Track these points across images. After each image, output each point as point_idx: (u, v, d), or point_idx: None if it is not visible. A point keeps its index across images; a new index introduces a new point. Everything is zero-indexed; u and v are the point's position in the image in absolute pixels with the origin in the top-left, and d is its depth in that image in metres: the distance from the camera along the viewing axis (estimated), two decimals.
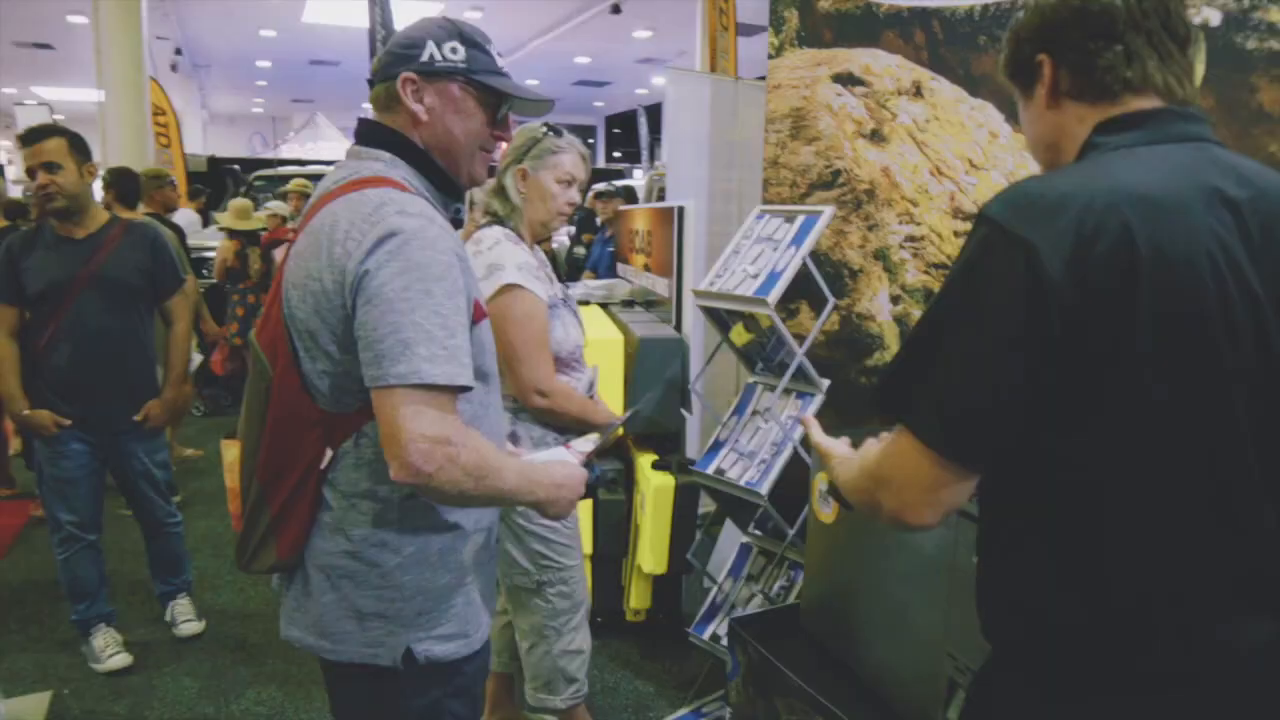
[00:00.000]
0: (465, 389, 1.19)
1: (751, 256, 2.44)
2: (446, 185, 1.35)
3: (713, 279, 2.49)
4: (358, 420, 1.24)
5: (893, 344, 2.79)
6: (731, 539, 3.60)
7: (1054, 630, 0.99)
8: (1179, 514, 0.94)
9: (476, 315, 1.29)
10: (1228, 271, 0.91)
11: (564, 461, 1.41)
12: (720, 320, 2.59)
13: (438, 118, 1.32)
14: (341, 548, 1.27)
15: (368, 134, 1.33)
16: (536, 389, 2.04)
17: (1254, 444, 0.94)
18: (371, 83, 1.34)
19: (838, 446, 1.33)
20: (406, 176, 1.29)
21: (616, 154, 27.98)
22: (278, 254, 6.49)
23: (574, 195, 2.17)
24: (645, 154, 23.29)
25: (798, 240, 2.37)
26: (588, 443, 1.63)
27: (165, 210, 5.22)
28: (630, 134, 23.52)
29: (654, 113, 23.42)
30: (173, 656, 3.13)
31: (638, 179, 14.00)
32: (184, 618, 3.27)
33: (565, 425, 2.14)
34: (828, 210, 2.38)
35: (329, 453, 1.25)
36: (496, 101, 1.37)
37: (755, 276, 2.36)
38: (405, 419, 1.12)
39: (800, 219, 2.43)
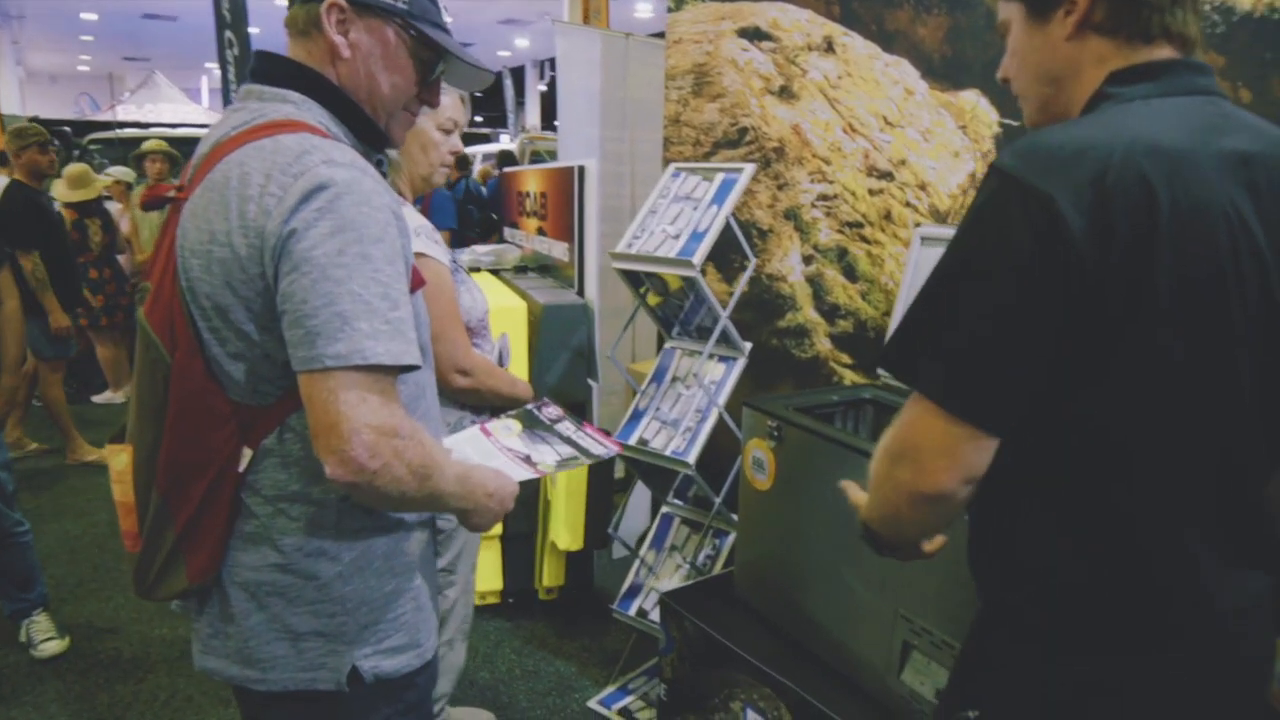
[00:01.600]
0: (412, 368, 1.03)
1: (670, 216, 2.33)
2: (369, 133, 1.17)
3: (630, 240, 2.36)
4: (280, 412, 1.06)
5: (805, 305, 2.76)
6: (640, 507, 3.53)
7: (1055, 589, 0.96)
8: (1185, 474, 0.92)
9: (415, 282, 1.13)
10: (1239, 229, 0.88)
11: (496, 469, 1.26)
12: (638, 284, 2.48)
13: (362, 59, 1.13)
14: (269, 560, 1.09)
15: (270, 70, 1.13)
16: (456, 367, 1.85)
17: (1256, 404, 0.93)
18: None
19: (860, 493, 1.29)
20: (322, 121, 1.10)
21: (479, 118, 27.25)
22: (124, 223, 5.90)
23: (457, 143, 1.93)
24: (511, 117, 22.79)
25: (719, 199, 2.28)
26: (506, 430, 1.48)
27: (32, 177, 4.49)
28: (494, 97, 22.93)
29: (518, 75, 22.90)
30: (33, 682, 2.78)
31: (505, 143, 13.67)
32: (43, 636, 2.91)
33: (482, 403, 1.97)
34: (749, 167, 2.29)
35: (247, 452, 1.06)
36: (432, 59, 1.20)
37: (676, 237, 2.26)
38: (347, 406, 0.96)
39: (720, 176, 2.33)
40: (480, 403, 1.95)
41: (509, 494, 1.23)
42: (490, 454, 1.35)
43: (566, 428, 1.48)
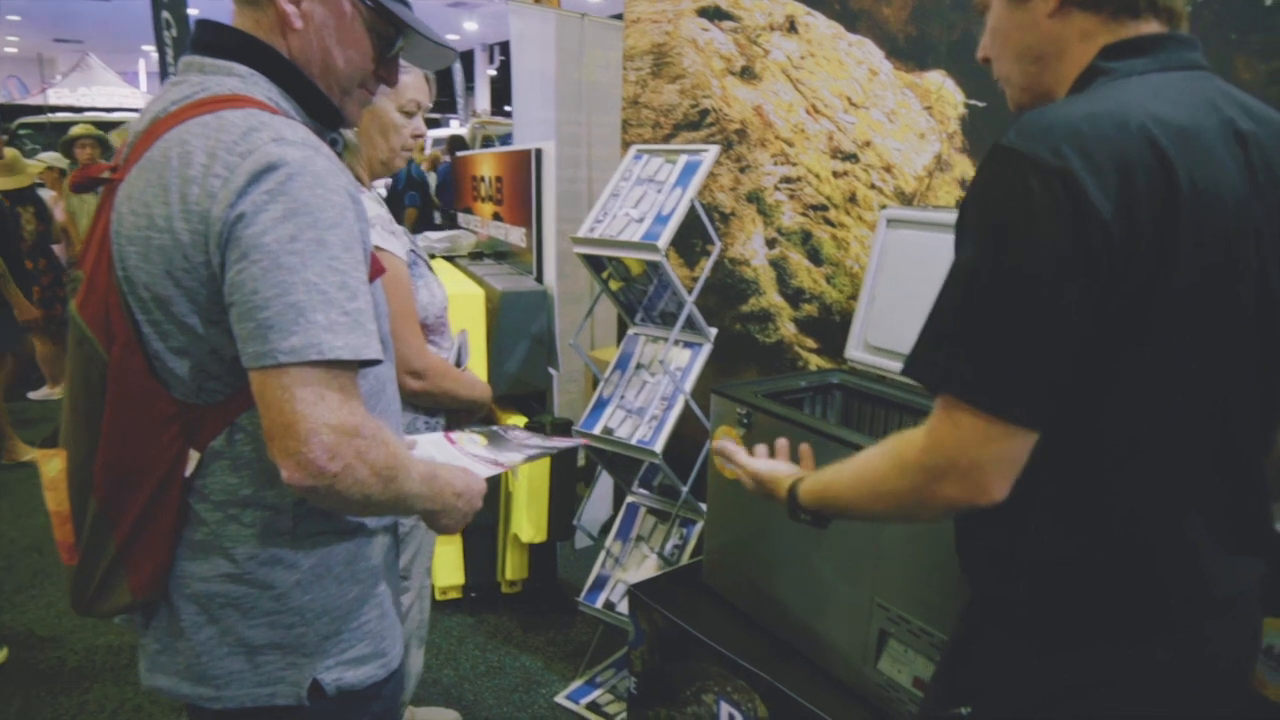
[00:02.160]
0: (373, 363, 0.96)
1: (634, 199, 2.28)
2: (323, 110, 1.09)
3: (592, 224, 2.30)
4: (229, 411, 0.98)
5: (768, 289, 2.73)
6: (603, 496, 3.48)
7: (1052, 582, 0.93)
8: (1190, 462, 0.90)
9: (374, 271, 1.06)
10: (1245, 210, 0.86)
11: (463, 467, 1.19)
12: (600, 269, 2.42)
13: (315, 31, 1.05)
14: (221, 570, 1.01)
15: (214, 41, 1.04)
16: (409, 369, 1.73)
17: (1256, 390, 0.91)
18: None
19: (779, 465, 1.26)
20: (271, 96, 1.02)
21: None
22: (58, 211, 5.64)
23: (419, 126, 1.82)
24: (460, 102, 22.45)
25: (683, 181, 2.22)
26: (471, 442, 1.42)
27: None
28: (443, 82, 22.54)
29: (467, 59, 22.53)
30: None
31: (455, 129, 13.45)
32: None
33: (437, 406, 1.89)
34: (713, 149, 2.24)
35: (194, 455, 0.98)
36: (391, 33, 1.12)
37: (640, 221, 2.20)
38: (303, 405, 0.89)
39: (683, 159, 2.28)
40: (435, 405, 1.85)
41: (477, 493, 1.17)
42: (454, 457, 1.29)
43: (533, 440, 1.43)
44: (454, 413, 1.89)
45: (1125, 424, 0.87)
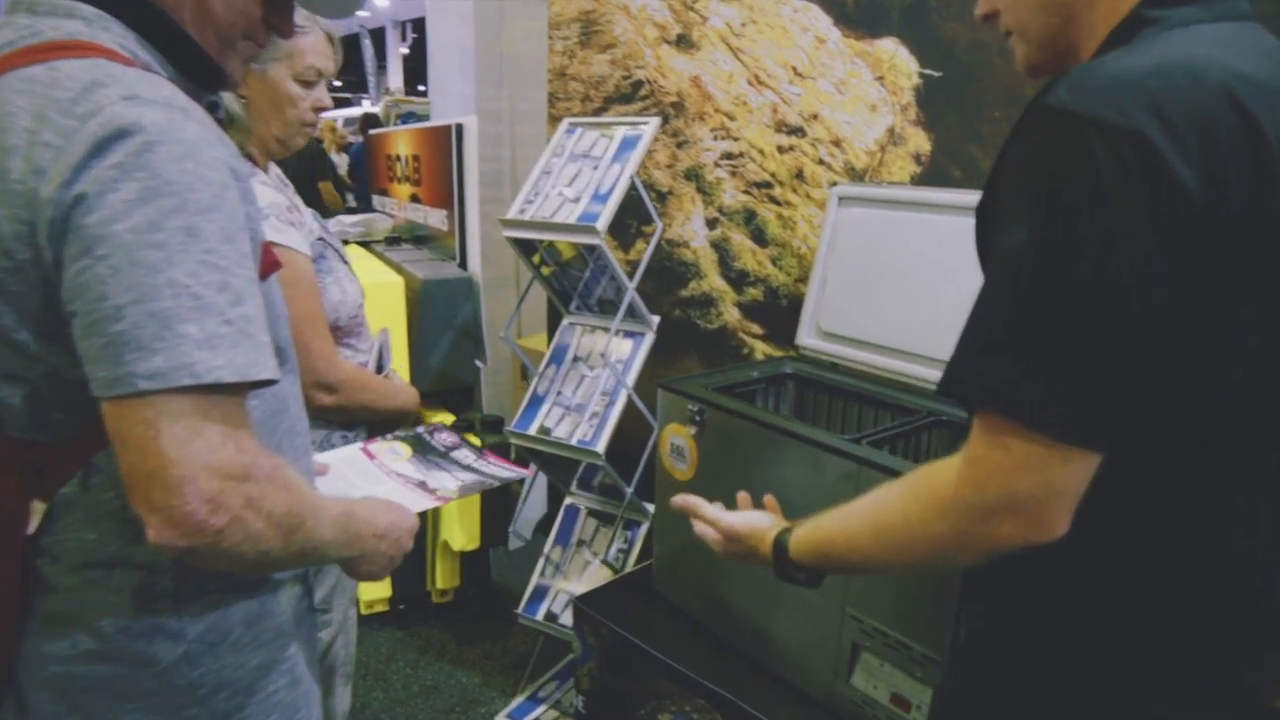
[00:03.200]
0: (266, 383, 0.76)
1: (567, 177, 2.09)
2: (197, 66, 0.87)
3: (522, 205, 2.10)
4: (82, 450, 0.78)
5: (710, 272, 2.58)
6: (536, 493, 3.30)
7: (1126, 625, 0.79)
8: (1262, 471, 0.77)
9: (266, 266, 0.86)
10: None
11: (388, 501, 1.01)
12: (531, 254, 2.22)
13: None
14: (83, 648, 0.81)
15: None
16: (319, 382, 1.50)
17: None
18: None
19: (756, 517, 1.11)
20: (127, 45, 0.80)
21: (338, 82, 25.80)
22: None
23: (322, 97, 1.57)
24: (372, 81, 21.66)
25: (620, 156, 2.04)
26: (392, 454, 1.23)
27: None
28: (352, 60, 21.72)
29: (378, 37, 21.72)
30: None
31: (368, 108, 12.93)
32: None
33: (355, 420, 1.67)
34: (653, 121, 2.07)
35: (38, 507, 0.77)
36: None
37: (575, 200, 2.02)
38: (173, 445, 0.69)
39: (620, 132, 2.10)
40: (352, 420, 1.63)
41: (406, 531, 0.98)
42: (375, 478, 1.10)
43: (465, 455, 1.25)
44: (376, 427, 1.68)
45: (1217, 429, 0.73)
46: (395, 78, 21.71)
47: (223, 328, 0.72)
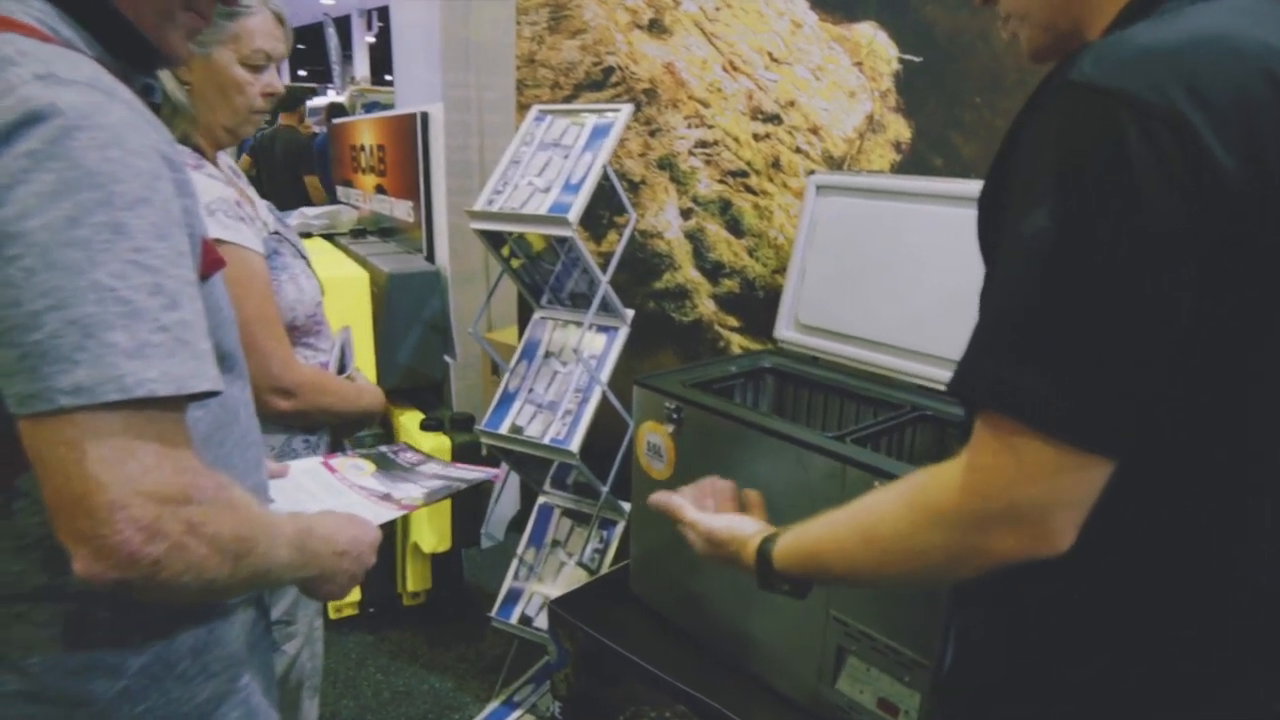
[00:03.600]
0: (208, 395, 0.69)
1: (537, 166, 2.01)
2: (128, 43, 0.79)
3: (491, 195, 2.03)
4: (2, 475, 0.70)
5: (684, 263, 2.52)
6: (509, 491, 3.23)
7: (1136, 638, 0.74)
8: None
9: (207, 264, 0.78)
10: None
11: (349, 514, 0.94)
12: (500, 246, 2.15)
13: None
14: (9, 688, 0.73)
15: None
16: (274, 386, 1.41)
17: None
18: None
19: (739, 522, 1.03)
20: (45, 20, 0.72)
21: (303, 72, 25.32)
22: None
23: (272, 81, 1.45)
24: (336, 70, 21.31)
25: (592, 145, 1.97)
26: (356, 469, 1.16)
27: None
28: (317, 49, 21.32)
29: (343, 25, 21.36)
30: None
31: (333, 97, 12.71)
32: None
33: (316, 424, 1.57)
34: (625, 108, 2.00)
35: None
36: None
37: (546, 190, 1.94)
38: (103, 467, 0.62)
39: (592, 120, 2.03)
40: (313, 424, 1.54)
41: (369, 545, 0.92)
42: (337, 490, 1.03)
43: (431, 468, 1.18)
44: (340, 430, 1.60)
45: (1254, 437, 0.68)
46: (361, 67, 21.38)
47: (156, 335, 0.64)
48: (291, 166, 5.93)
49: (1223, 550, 0.71)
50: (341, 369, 1.55)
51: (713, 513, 1.08)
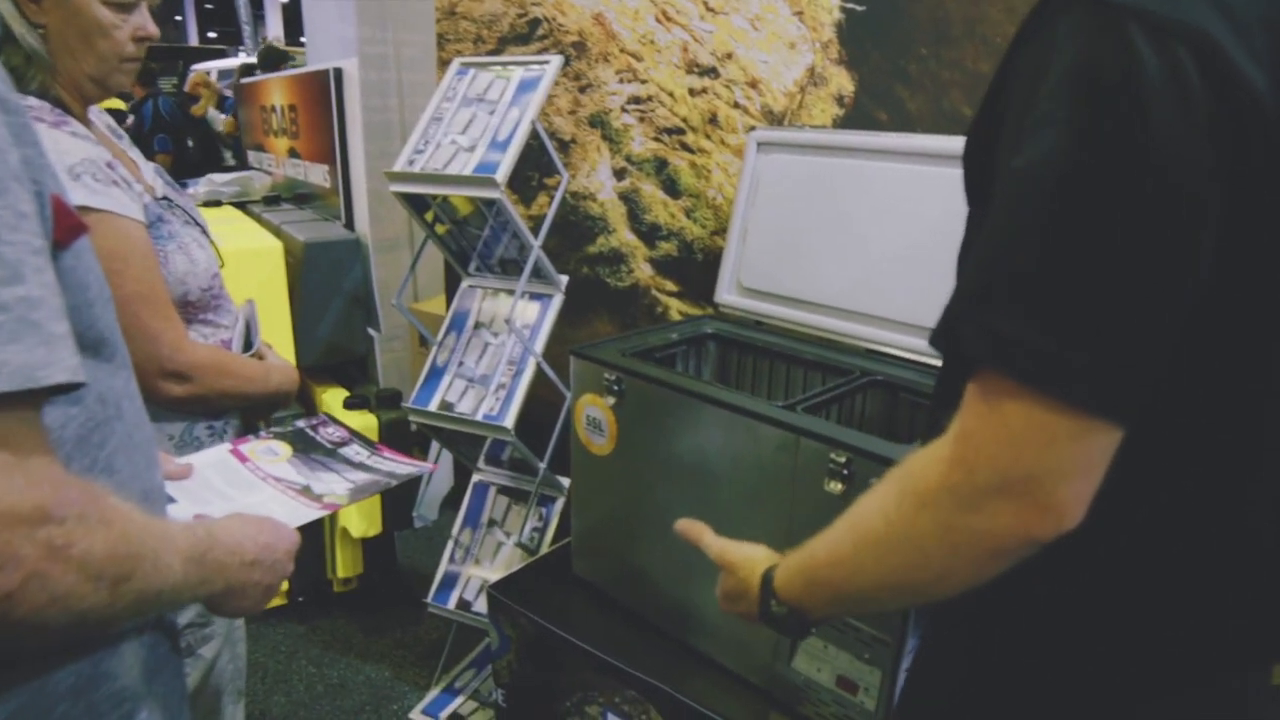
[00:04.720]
0: (69, 387, 0.57)
1: (461, 123, 1.87)
2: None
3: (411, 155, 1.88)
4: None
5: (619, 226, 2.41)
6: (442, 470, 3.10)
7: (1150, 619, 0.69)
8: None
9: (64, 229, 0.65)
10: None
11: (261, 517, 0.82)
12: (423, 210, 2.01)
13: None
14: None
15: None
16: (164, 370, 1.25)
17: None
18: None
19: (751, 549, 0.93)
20: None
21: (212, 34, 24.12)
22: None
23: (144, 24, 1.26)
24: (247, 30, 20.35)
25: (519, 100, 1.84)
26: (269, 454, 1.05)
27: None
28: (226, 10, 20.32)
29: None
30: None
31: (244, 59, 12.10)
32: None
33: (219, 409, 1.41)
34: (555, 60, 1.87)
35: None
36: None
37: (470, 149, 1.81)
38: None
39: (518, 73, 1.90)
40: (216, 410, 1.38)
41: (285, 552, 0.81)
42: (249, 485, 0.91)
43: (355, 452, 1.06)
44: (250, 413, 1.46)
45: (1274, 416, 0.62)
46: (275, 26, 20.43)
47: None
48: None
49: (1225, 534, 0.65)
50: (247, 347, 1.41)
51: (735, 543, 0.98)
